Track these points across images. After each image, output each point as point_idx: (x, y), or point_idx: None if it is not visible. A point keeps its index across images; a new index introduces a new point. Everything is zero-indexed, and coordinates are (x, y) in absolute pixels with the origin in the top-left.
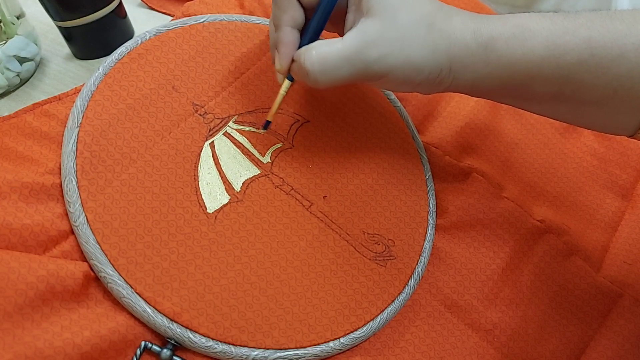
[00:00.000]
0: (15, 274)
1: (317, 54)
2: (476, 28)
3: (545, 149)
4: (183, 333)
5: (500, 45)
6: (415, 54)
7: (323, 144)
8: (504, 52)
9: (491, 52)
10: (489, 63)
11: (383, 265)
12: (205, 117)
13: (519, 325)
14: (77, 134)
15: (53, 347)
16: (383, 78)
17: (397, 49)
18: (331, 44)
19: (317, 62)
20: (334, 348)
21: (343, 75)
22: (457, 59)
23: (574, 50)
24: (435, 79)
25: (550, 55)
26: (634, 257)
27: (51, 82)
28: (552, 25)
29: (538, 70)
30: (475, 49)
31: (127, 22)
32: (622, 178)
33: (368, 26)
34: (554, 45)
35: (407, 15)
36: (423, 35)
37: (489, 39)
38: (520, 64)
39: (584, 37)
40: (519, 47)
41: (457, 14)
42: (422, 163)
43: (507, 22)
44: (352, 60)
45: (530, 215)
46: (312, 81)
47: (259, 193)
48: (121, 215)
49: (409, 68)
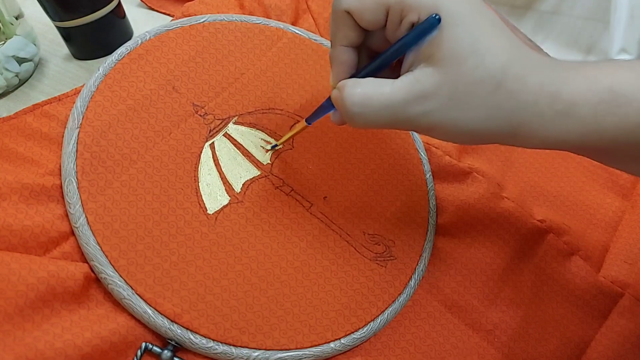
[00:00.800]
0: (16, 275)
1: (360, 95)
2: (555, 92)
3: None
4: (184, 334)
5: (584, 112)
6: (470, 115)
7: (323, 144)
8: (589, 121)
9: (573, 120)
10: (568, 131)
11: (383, 266)
12: (205, 118)
13: (519, 325)
14: (77, 135)
15: (54, 348)
16: (428, 132)
17: (448, 107)
18: (379, 87)
19: (359, 104)
20: (334, 349)
21: (382, 123)
22: (525, 125)
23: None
24: (491, 140)
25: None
26: (634, 257)
27: (50, 82)
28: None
29: (630, 138)
30: (551, 117)
31: (126, 23)
32: (622, 178)
33: (425, 76)
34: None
35: (473, 69)
36: (485, 96)
37: (570, 105)
38: (608, 132)
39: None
40: (608, 114)
41: (536, 71)
42: (422, 163)
43: (595, 84)
44: (396, 112)
45: (530, 215)
46: (348, 119)
47: (259, 194)
48: (122, 217)
49: (458, 129)
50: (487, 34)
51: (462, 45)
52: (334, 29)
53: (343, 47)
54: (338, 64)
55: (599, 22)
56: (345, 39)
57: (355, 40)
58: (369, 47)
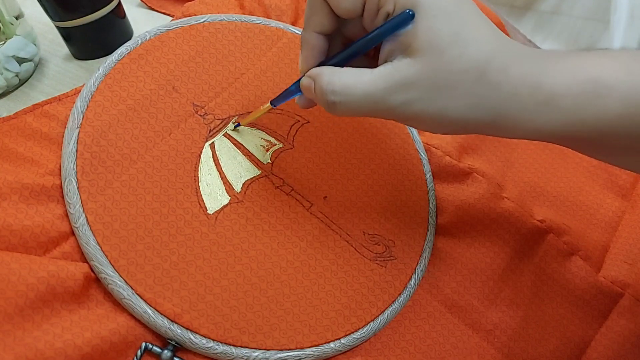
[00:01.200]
0: (16, 275)
1: (340, 83)
2: (537, 83)
3: (545, 149)
4: (184, 334)
5: (565, 103)
6: (452, 105)
7: (323, 144)
8: (570, 111)
9: (553, 110)
10: (549, 121)
11: (383, 266)
12: (205, 118)
13: (519, 325)
14: (78, 135)
15: (54, 348)
16: (409, 121)
17: (430, 97)
18: (359, 76)
19: (340, 93)
20: (334, 349)
21: (363, 111)
22: (507, 115)
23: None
24: (474, 131)
25: (627, 113)
26: (634, 257)
27: (50, 82)
28: (630, 77)
29: (611, 128)
30: (533, 107)
31: (126, 23)
32: (622, 178)
33: (405, 66)
34: (633, 101)
35: (454, 59)
36: (467, 86)
37: (551, 96)
38: (589, 123)
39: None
40: (589, 105)
41: (518, 62)
42: (422, 163)
43: (576, 75)
44: (377, 100)
45: (530, 215)
46: (328, 108)
47: (260, 194)
48: (122, 217)
49: (440, 118)
50: (469, 25)
51: (440, 36)
52: (309, 13)
53: (313, 32)
54: (309, 49)
55: (599, 22)
56: (319, 25)
57: (328, 28)
58: (343, 35)
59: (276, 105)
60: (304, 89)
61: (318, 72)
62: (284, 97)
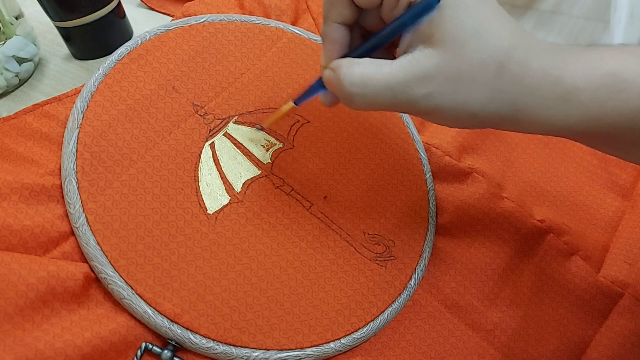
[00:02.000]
0: (16, 275)
1: (359, 74)
2: (557, 76)
3: (545, 148)
4: (184, 334)
5: (585, 97)
6: (472, 98)
7: (323, 144)
8: (590, 105)
9: (573, 104)
10: (569, 115)
11: (383, 266)
12: (205, 118)
13: (519, 325)
14: (78, 135)
15: (54, 348)
16: (428, 115)
17: (451, 90)
18: (378, 67)
19: (359, 84)
20: (334, 349)
21: (382, 104)
22: (527, 109)
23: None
24: (492, 125)
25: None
26: (634, 257)
27: (50, 82)
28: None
29: (630, 123)
30: (553, 101)
31: (126, 23)
32: (622, 178)
33: (426, 57)
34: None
35: (476, 51)
36: (488, 78)
37: (571, 90)
38: (608, 117)
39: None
40: (609, 99)
41: (539, 55)
42: (422, 163)
43: (597, 69)
44: (396, 93)
45: (530, 215)
46: (346, 100)
47: (260, 194)
48: (121, 217)
49: (460, 112)
50: (490, 17)
51: (464, 27)
52: (328, 5)
53: (336, 24)
54: (330, 42)
55: (599, 22)
56: (339, 15)
57: (349, 18)
58: (362, 27)
59: (299, 104)
60: (326, 81)
61: (338, 64)
62: (307, 95)
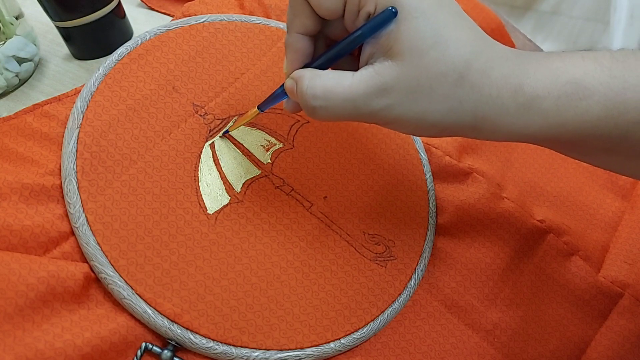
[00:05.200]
0: (16, 275)
1: (321, 87)
2: (518, 85)
3: (545, 149)
4: (184, 334)
5: (547, 105)
6: (432, 109)
7: (323, 144)
8: (551, 113)
9: (534, 112)
10: (531, 124)
11: (383, 266)
12: (205, 118)
13: (519, 325)
14: (78, 135)
15: (54, 348)
16: (389, 125)
17: (410, 101)
18: (340, 80)
19: (321, 97)
20: (334, 349)
21: (344, 115)
22: (487, 118)
23: (635, 109)
24: (453, 133)
25: (608, 115)
26: (634, 257)
27: (50, 82)
28: (611, 80)
29: (592, 130)
30: (514, 110)
31: (126, 23)
32: (622, 178)
33: (385, 69)
34: (613, 104)
35: (435, 62)
36: (447, 89)
37: (533, 98)
38: (570, 125)
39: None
40: (571, 107)
41: (500, 64)
42: (422, 163)
43: (558, 77)
44: (358, 105)
45: (530, 215)
46: (308, 112)
47: (260, 194)
48: (121, 217)
49: (420, 122)
50: (449, 26)
51: (422, 38)
52: (291, 15)
53: (299, 34)
54: (293, 52)
55: (599, 22)
56: (302, 26)
57: (311, 29)
58: (327, 36)
59: (263, 110)
60: (289, 91)
61: (300, 75)
62: (270, 101)
